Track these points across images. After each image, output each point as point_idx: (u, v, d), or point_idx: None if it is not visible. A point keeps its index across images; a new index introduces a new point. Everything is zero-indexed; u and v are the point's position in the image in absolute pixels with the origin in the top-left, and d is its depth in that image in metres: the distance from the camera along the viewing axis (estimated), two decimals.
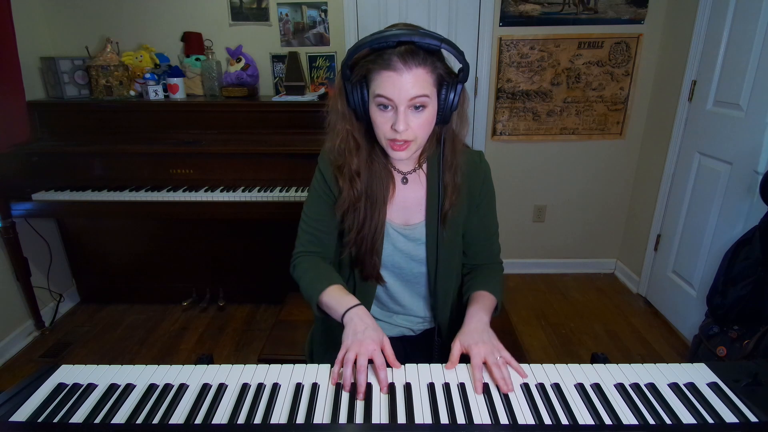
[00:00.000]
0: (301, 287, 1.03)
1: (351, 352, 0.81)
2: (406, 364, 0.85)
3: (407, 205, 1.03)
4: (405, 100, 0.84)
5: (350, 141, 0.95)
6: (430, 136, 0.95)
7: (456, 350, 0.87)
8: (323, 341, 1.17)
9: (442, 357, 1.10)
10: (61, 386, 0.80)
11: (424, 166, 1.03)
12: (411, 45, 0.83)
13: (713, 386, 0.78)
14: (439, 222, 1.00)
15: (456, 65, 0.89)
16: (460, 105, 0.91)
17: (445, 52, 0.88)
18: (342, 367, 0.81)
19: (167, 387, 0.79)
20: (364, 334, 0.84)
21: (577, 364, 0.84)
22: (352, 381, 0.79)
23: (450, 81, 0.87)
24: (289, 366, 0.85)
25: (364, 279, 1.07)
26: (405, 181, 1.03)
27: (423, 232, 1.04)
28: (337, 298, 0.94)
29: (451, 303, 1.13)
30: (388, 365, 0.83)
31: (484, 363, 0.83)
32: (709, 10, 2.07)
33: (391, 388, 0.79)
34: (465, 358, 0.87)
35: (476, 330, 0.90)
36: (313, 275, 1.01)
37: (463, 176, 1.00)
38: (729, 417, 0.72)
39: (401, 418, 0.72)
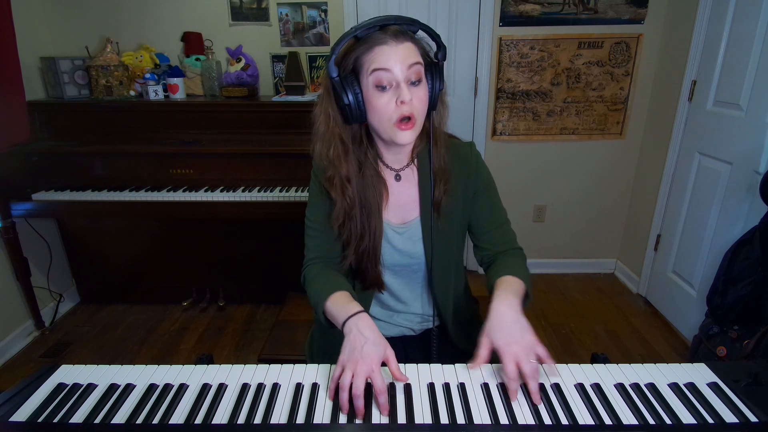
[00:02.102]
0: (309, 295, 1.00)
1: (347, 373, 0.75)
2: (407, 364, 0.85)
3: (402, 203, 1.03)
4: (403, 70, 0.85)
5: (338, 146, 0.94)
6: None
7: (484, 348, 0.82)
8: (323, 341, 1.17)
9: (440, 354, 1.10)
10: (61, 386, 0.80)
11: (416, 161, 1.03)
12: (395, 26, 0.87)
13: (713, 386, 0.78)
14: (431, 210, 1.00)
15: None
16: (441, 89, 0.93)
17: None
18: (337, 385, 0.76)
19: (167, 387, 0.79)
20: (362, 351, 0.78)
21: (577, 364, 0.84)
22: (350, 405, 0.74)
23: (431, 61, 0.91)
24: (289, 366, 0.85)
25: (365, 289, 1.07)
26: (398, 178, 1.03)
27: (419, 227, 1.04)
28: (339, 306, 0.89)
29: (453, 298, 1.12)
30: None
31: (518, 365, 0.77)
32: (709, 10, 2.07)
33: (391, 388, 0.78)
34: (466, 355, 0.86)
35: (505, 323, 0.83)
36: (319, 283, 0.98)
37: (449, 163, 1.00)
38: (729, 417, 0.72)
39: (401, 418, 0.72)
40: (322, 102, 0.94)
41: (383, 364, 0.80)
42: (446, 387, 0.79)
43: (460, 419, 0.72)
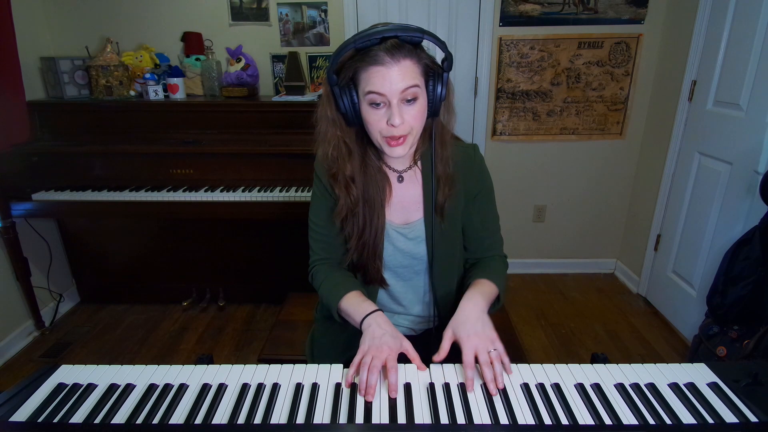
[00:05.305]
0: (321, 295, 1.05)
1: (368, 356, 0.81)
2: (407, 365, 0.85)
3: (405, 204, 1.04)
4: (397, 93, 0.84)
5: (342, 147, 0.95)
6: (422, 131, 0.95)
7: (446, 340, 0.86)
8: (323, 341, 1.17)
9: None
10: (61, 386, 0.80)
11: (419, 163, 1.03)
12: (395, 39, 0.83)
13: (713, 386, 0.78)
14: (433, 213, 1.00)
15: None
16: (447, 95, 0.92)
17: (429, 48, 0.89)
18: (357, 369, 0.81)
19: (167, 387, 0.79)
20: (381, 339, 0.85)
21: (577, 364, 0.84)
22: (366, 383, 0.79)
23: (436, 71, 0.88)
24: (289, 366, 0.85)
25: (367, 284, 1.07)
26: (401, 179, 1.03)
27: (422, 229, 1.04)
28: (354, 306, 0.95)
29: (453, 299, 1.12)
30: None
31: (476, 358, 0.82)
32: (709, 10, 2.07)
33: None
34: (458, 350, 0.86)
35: (469, 319, 0.88)
36: (331, 283, 1.02)
37: (455, 166, 1.00)
38: (729, 417, 0.72)
39: (401, 418, 0.72)
40: (323, 105, 0.95)
41: (402, 356, 0.85)
42: (446, 387, 0.79)
43: (460, 419, 0.72)
